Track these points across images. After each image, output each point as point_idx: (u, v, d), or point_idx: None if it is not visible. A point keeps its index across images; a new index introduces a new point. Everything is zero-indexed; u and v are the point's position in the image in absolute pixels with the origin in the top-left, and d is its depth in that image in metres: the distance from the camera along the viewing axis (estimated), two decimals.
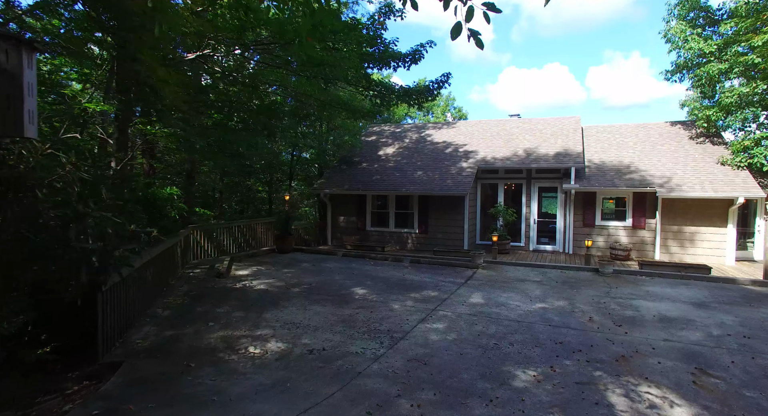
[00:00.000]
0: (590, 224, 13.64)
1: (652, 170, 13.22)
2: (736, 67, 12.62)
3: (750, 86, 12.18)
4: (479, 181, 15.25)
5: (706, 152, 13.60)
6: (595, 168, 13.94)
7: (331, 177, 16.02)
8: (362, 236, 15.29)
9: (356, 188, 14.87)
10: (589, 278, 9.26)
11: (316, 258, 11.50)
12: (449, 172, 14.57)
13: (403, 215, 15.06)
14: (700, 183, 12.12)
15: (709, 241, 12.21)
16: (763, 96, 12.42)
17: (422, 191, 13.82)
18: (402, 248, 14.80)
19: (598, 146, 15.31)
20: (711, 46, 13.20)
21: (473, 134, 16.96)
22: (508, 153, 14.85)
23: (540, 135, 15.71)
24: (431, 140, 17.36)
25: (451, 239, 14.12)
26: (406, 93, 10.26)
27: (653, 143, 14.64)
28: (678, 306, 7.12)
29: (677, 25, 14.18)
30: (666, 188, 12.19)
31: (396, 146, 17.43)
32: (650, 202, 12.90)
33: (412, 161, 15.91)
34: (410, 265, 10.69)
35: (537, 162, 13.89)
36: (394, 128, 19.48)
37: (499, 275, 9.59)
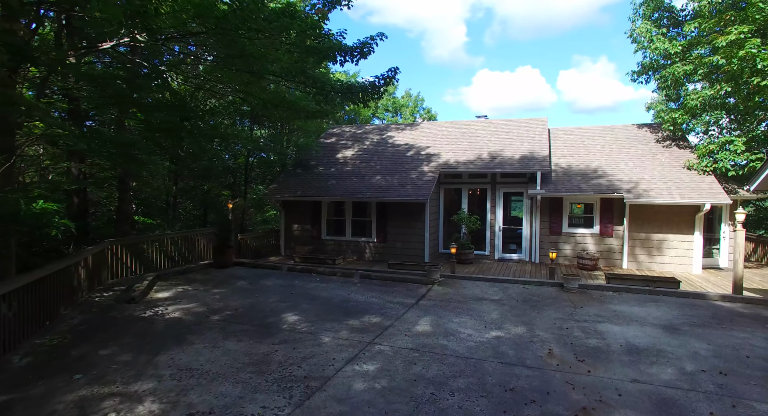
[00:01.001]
0: (557, 232, 12.94)
1: (619, 174, 12.62)
2: (700, 68, 12.16)
3: (714, 89, 11.72)
4: (442, 186, 14.38)
5: (672, 155, 13.12)
6: (562, 172, 13.26)
7: (285, 182, 14.85)
8: (317, 246, 14.18)
9: (310, 194, 13.75)
10: (552, 295, 8.44)
11: (258, 274, 10.32)
12: (409, 176, 13.62)
13: (361, 223, 14.02)
14: (667, 189, 11.56)
15: (677, 249, 11.66)
16: (723, 99, 11.97)
17: (380, 198, 12.82)
18: (359, 258, 13.76)
19: (565, 148, 14.67)
20: (676, 47, 12.73)
21: (437, 136, 16.10)
22: (473, 156, 14.03)
23: (506, 137, 14.97)
24: (393, 142, 16.40)
25: (412, 249, 13.17)
26: (349, 90, 9.21)
27: (620, 146, 14.10)
28: (647, 332, 6.32)
29: (642, 25, 13.69)
30: (633, 193, 11.57)
31: (356, 149, 16.39)
32: (618, 208, 12.29)
33: (371, 164, 14.91)
34: (360, 281, 9.66)
35: (502, 166, 13.11)
36: (355, 129, 18.44)
37: (455, 292, 8.66)
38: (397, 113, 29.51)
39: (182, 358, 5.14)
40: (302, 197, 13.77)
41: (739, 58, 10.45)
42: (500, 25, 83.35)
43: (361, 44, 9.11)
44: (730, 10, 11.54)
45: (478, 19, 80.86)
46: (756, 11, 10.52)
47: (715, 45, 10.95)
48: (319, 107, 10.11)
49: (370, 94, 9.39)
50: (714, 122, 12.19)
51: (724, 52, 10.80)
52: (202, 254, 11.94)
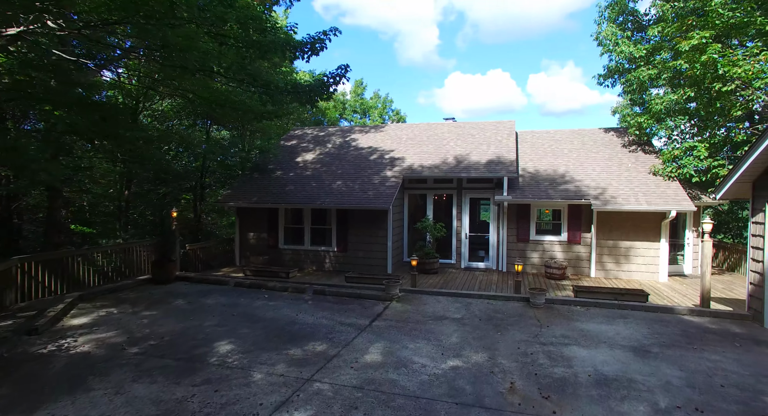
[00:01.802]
0: (525, 239, 12.50)
1: (587, 179, 12.29)
2: (664, 73, 11.98)
3: (678, 94, 11.54)
4: (406, 191, 13.73)
5: (638, 160, 12.92)
6: (530, 177, 12.84)
7: (241, 187, 13.85)
8: (274, 256, 13.26)
9: (266, 200, 12.83)
10: (518, 311, 7.88)
11: (200, 291, 9.34)
12: (371, 182, 12.90)
13: (321, 231, 13.20)
14: (634, 195, 11.28)
15: (643, 256, 11.40)
16: (684, 105, 11.82)
17: (339, 205, 12.05)
18: (319, 268, 12.93)
19: (532, 152, 14.30)
20: (640, 51, 12.52)
21: (402, 139, 15.46)
22: (438, 161, 13.44)
23: (472, 141, 14.47)
24: (356, 144, 15.65)
25: (374, 259, 12.45)
26: (295, 90, 8.39)
27: (588, 151, 13.83)
28: (616, 356, 5.81)
29: (608, 28, 13.45)
30: (601, 200, 11.24)
31: (317, 152, 15.55)
32: (586, 215, 11.95)
33: (333, 169, 14.11)
34: (312, 298, 8.85)
35: (468, 171, 12.57)
36: (318, 131, 17.59)
37: (414, 310, 7.98)
38: (365, 114, 28.78)
39: (68, 414, 4.21)
40: (257, 204, 12.83)
41: (701, 64, 10.26)
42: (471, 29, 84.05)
43: (312, 40, 8.32)
44: (692, 15, 11.40)
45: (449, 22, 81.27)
46: (716, 17, 10.37)
47: (678, 49, 10.73)
48: (266, 108, 9.23)
49: (318, 94, 8.60)
50: (678, 127, 12.01)
51: (687, 57, 10.60)
52: (142, 268, 10.84)
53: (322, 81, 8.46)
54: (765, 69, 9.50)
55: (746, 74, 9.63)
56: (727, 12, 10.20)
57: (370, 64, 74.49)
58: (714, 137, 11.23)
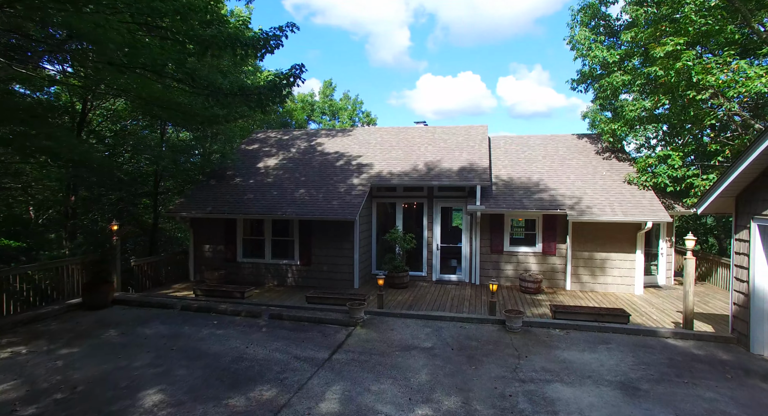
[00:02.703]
0: (498, 250, 11.93)
1: (561, 188, 11.84)
2: (638, 79, 11.68)
3: (651, 100, 11.24)
4: (375, 199, 12.94)
5: (613, 168, 12.60)
6: (503, 185, 12.30)
7: (195, 196, 12.70)
8: (232, 270, 12.19)
9: (222, 210, 11.75)
10: (493, 337, 7.21)
11: (140, 317, 8.22)
12: (337, 190, 12.04)
13: (282, 243, 12.22)
14: (609, 205, 10.89)
15: (619, 268, 11.03)
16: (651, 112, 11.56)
17: (302, 215, 11.13)
18: (281, 283, 11.96)
19: (506, 159, 13.79)
20: (614, 56, 12.20)
21: (370, 144, 14.65)
22: (408, 167, 12.72)
23: (444, 146, 13.83)
24: (322, 149, 14.74)
25: (340, 273, 11.59)
26: (242, 92, 7.42)
27: (562, 158, 13.43)
28: (603, 395, 5.19)
29: (581, 32, 13.09)
30: (576, 210, 10.78)
31: (280, 157, 14.54)
32: (561, 225, 11.49)
33: (296, 175, 13.15)
34: (268, 323, 7.91)
35: (439, 179, 11.90)
36: (282, 134, 16.56)
37: (380, 338, 7.18)
38: (334, 116, 27.81)
39: None
40: (212, 214, 11.74)
41: (675, 71, 9.95)
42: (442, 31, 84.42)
43: (266, 36, 7.39)
44: (665, 20, 11.13)
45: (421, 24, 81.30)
46: (688, 23, 10.09)
47: (652, 55, 10.40)
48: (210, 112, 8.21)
49: (269, 98, 7.67)
50: (652, 134, 11.75)
51: (662, 64, 10.28)
52: (75, 291, 9.55)
53: (275, 83, 7.53)
54: (737, 78, 9.24)
55: (718, 83, 9.36)
56: (699, 19, 9.93)
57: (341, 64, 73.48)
58: (687, 145, 10.97)
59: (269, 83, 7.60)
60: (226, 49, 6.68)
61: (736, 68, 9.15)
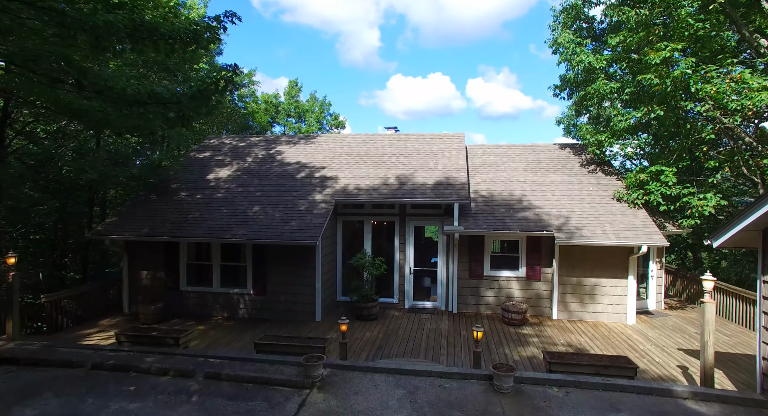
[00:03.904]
0: (478, 275, 10.72)
1: (546, 205, 10.75)
2: (627, 87, 10.74)
3: (642, 111, 10.31)
4: (340, 217, 11.50)
5: (599, 182, 11.63)
6: (483, 202, 11.10)
7: (129, 213, 10.89)
8: (174, 300, 10.47)
9: (161, 232, 10.04)
10: (480, 404, 5.91)
11: (28, 385, 6.43)
12: (297, 208, 10.53)
13: (233, 270, 10.60)
14: (600, 226, 9.86)
15: (610, 295, 10.03)
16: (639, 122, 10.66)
17: (255, 239, 9.58)
18: (231, 316, 10.34)
19: (485, 171, 12.62)
20: (600, 62, 11.23)
21: (336, 153, 13.19)
22: (377, 181, 11.34)
23: (417, 157, 12.53)
24: (282, 159, 13.16)
25: (299, 303, 10.09)
26: (153, 99, 5.81)
27: (545, 170, 12.37)
28: None
29: (565, 35, 12.06)
30: (565, 232, 9.70)
31: (234, 167, 12.87)
32: (546, 247, 10.39)
33: (250, 190, 11.54)
34: (201, 386, 6.34)
35: (412, 195, 10.58)
36: (238, 141, 14.86)
37: (341, 407, 5.76)
38: (301, 118, 26.11)
39: None
40: (149, 236, 10.00)
41: (672, 79, 9.01)
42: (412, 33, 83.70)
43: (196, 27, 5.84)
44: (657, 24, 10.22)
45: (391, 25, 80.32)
46: (684, 27, 9.18)
47: (646, 61, 9.44)
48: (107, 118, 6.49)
49: (193, 107, 6.12)
50: (641, 147, 10.84)
51: (656, 71, 9.34)
52: None
53: (201, 89, 5.96)
54: (739, 89, 8.35)
55: (719, 94, 8.46)
56: (696, 23, 9.02)
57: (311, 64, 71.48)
58: (682, 160, 10.08)
59: (194, 89, 6.00)
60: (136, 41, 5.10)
61: (739, 78, 8.25)
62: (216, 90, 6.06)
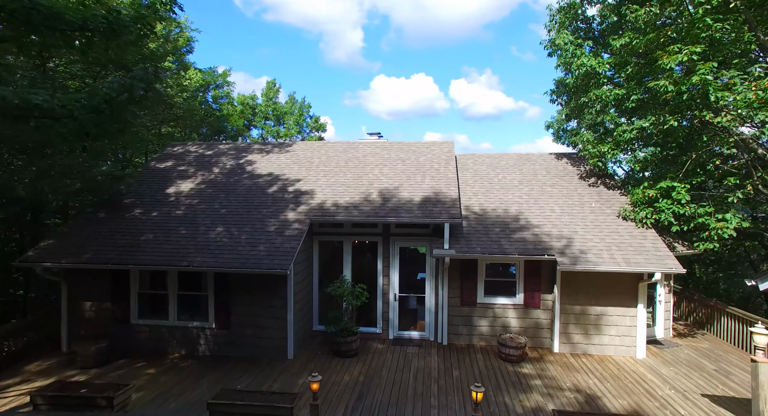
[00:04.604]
0: (471, 303, 9.60)
1: (546, 224, 9.69)
2: (633, 93, 9.75)
3: (649, 120, 9.34)
4: (316, 237, 10.25)
5: (602, 197, 10.63)
6: (476, 221, 9.99)
7: (70, 235, 9.44)
8: (122, 335, 9.08)
9: (105, 258, 8.64)
10: None
11: None
12: (266, 229, 9.24)
13: (193, 300, 9.25)
14: (607, 249, 8.83)
15: (617, 326, 9.01)
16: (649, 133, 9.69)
17: (216, 267, 8.27)
18: (190, 354, 8.99)
19: (476, 184, 11.52)
20: (603, 66, 10.23)
21: (312, 164, 11.91)
22: (358, 196, 10.13)
23: (403, 169, 11.36)
24: (252, 170, 11.83)
25: (268, 338, 8.81)
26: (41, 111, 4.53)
27: (542, 184, 11.32)
28: None
29: (563, 35, 11.03)
30: (569, 256, 8.63)
31: (198, 179, 11.49)
32: (546, 271, 9.33)
33: (215, 206, 10.20)
34: None
35: (397, 214, 9.40)
36: (205, 149, 13.44)
37: None
38: (279, 121, 24.67)
39: None
40: (91, 264, 8.60)
41: (690, 86, 8.03)
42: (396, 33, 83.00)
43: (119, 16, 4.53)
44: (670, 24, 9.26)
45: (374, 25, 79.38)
46: (702, 28, 8.20)
47: (658, 66, 8.45)
48: None
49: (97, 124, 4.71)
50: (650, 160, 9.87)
51: (671, 77, 8.35)
52: None
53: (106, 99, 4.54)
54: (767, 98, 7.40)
55: (743, 103, 7.50)
56: (715, 24, 8.05)
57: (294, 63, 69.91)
58: (695, 175, 9.12)
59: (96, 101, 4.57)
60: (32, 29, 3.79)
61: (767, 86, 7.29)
62: (131, 100, 4.76)
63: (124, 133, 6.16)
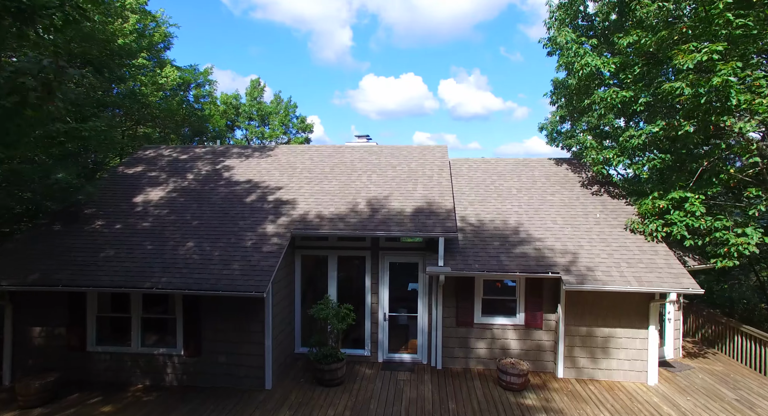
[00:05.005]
0: (467, 323, 8.79)
1: (548, 237, 8.93)
2: (643, 96, 9.03)
3: (659, 125, 8.63)
4: (298, 251, 9.35)
5: (606, 207, 9.91)
6: (472, 233, 9.18)
7: (18, 252, 8.39)
8: (78, 365, 8.08)
9: (55, 279, 7.63)
10: None
11: None
12: (242, 244, 8.31)
13: (159, 324, 8.28)
14: (616, 265, 8.09)
15: (626, 349, 8.27)
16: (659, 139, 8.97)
17: (183, 288, 7.33)
18: (156, 385, 8.01)
19: (472, 192, 10.72)
20: (609, 66, 9.49)
21: (295, 169, 10.99)
22: (345, 207, 9.25)
23: (393, 175, 10.51)
24: (230, 176, 10.87)
25: (243, 366, 7.89)
26: None
27: (542, 191, 10.57)
28: None
29: (565, 33, 10.27)
30: (575, 274, 7.87)
31: (170, 186, 10.49)
32: (549, 289, 8.57)
33: (186, 218, 9.23)
34: None
35: (386, 226, 8.55)
36: (180, 152, 12.42)
37: None
38: (264, 122, 23.59)
39: None
40: (38, 285, 7.58)
41: (709, 88, 7.32)
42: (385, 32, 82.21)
43: None
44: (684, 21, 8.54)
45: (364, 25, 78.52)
46: (723, 25, 7.50)
47: (677, 66, 7.72)
48: None
49: None
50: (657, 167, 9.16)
51: (688, 78, 7.62)
52: None
53: None
54: None
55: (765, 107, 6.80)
56: (737, 20, 7.35)
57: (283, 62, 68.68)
58: (710, 185, 8.42)
59: None
60: None
61: None
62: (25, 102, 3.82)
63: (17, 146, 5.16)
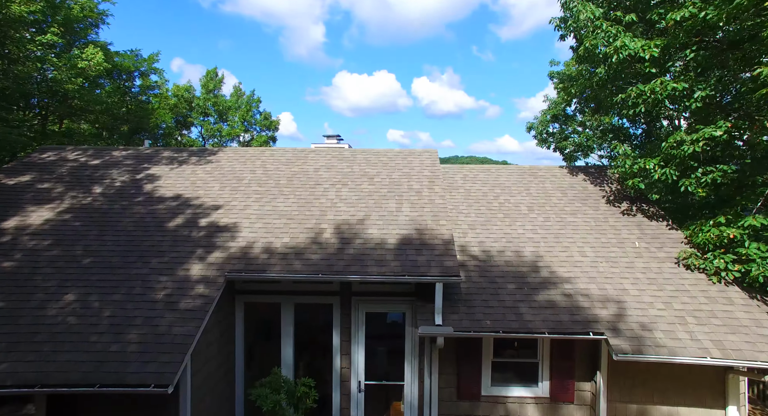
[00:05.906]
0: (472, 395, 6.41)
1: (580, 276, 6.63)
2: (700, 89, 6.85)
3: (722, 127, 6.49)
4: (240, 297, 6.75)
5: (644, 231, 7.71)
6: (477, 271, 6.80)
7: None
8: None
9: None
10: None
11: None
12: (151, 295, 5.66)
13: None
14: (680, 320, 5.86)
15: None
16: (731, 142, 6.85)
17: (33, 385, 4.62)
18: None
19: (472, 211, 8.35)
20: (652, 50, 7.25)
21: (242, 180, 8.34)
22: (304, 236, 6.70)
23: (371, 189, 8.02)
24: (153, 189, 8.12)
25: None
26: None
27: (559, 210, 8.29)
28: None
29: (587, 8, 8.01)
30: (626, 336, 5.59)
31: (66, 203, 7.67)
32: (583, 349, 6.29)
33: (75, 252, 6.48)
34: None
35: (362, 265, 6.07)
36: (91, 156, 9.51)
37: None
38: (222, 118, 20.63)
39: None
40: None
41: None
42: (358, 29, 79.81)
43: None
44: None
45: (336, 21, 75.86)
46: None
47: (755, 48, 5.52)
48: None
49: None
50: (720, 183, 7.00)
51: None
52: None
53: None
54: None
55: None
56: None
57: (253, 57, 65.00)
58: None
59: None
60: None
61: None
62: None
63: None
